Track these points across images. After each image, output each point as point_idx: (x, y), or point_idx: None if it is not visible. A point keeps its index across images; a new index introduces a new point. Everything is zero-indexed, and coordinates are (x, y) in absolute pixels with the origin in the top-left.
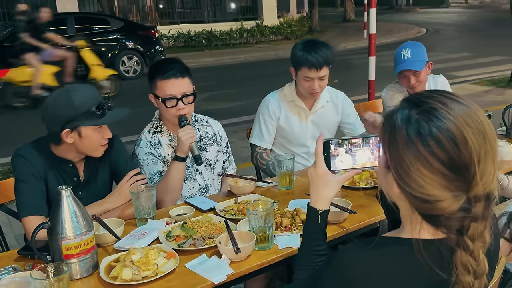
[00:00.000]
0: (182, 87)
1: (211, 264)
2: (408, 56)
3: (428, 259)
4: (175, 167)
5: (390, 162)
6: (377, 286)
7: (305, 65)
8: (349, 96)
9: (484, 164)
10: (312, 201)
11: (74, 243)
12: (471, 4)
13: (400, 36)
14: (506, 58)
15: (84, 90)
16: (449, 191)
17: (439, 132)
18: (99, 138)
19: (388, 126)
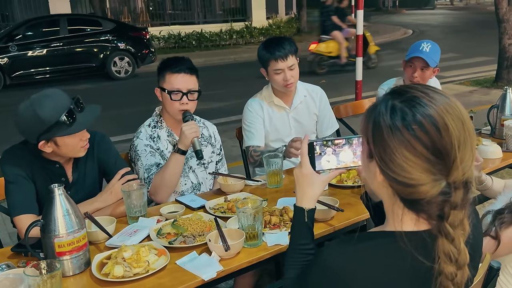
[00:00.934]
0: (189, 83)
1: (201, 261)
2: (426, 50)
3: (411, 248)
4: (175, 159)
5: (374, 150)
6: (362, 278)
7: (271, 59)
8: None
9: (463, 149)
10: (298, 201)
11: (67, 240)
12: (456, 5)
13: (387, 37)
14: (490, 58)
15: (47, 102)
16: (430, 175)
17: (422, 118)
18: (76, 142)
19: (372, 116)
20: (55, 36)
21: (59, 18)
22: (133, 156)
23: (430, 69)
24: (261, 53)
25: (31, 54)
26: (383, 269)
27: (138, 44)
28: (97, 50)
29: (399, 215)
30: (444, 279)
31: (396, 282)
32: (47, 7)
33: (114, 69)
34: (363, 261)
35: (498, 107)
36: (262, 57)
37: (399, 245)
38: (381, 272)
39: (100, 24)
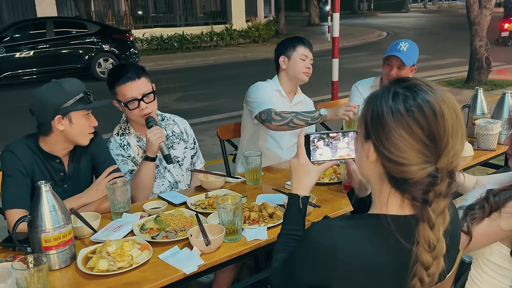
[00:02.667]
0: (140, 87)
1: (183, 255)
2: (404, 49)
3: (394, 229)
4: (146, 166)
5: (372, 129)
6: (346, 254)
7: (301, 44)
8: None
9: (455, 138)
10: (294, 189)
11: (53, 235)
12: (429, 9)
13: (362, 40)
14: (462, 60)
15: (71, 80)
16: (422, 156)
17: (422, 102)
18: (87, 125)
19: (374, 99)
20: (42, 38)
21: (45, 20)
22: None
23: (407, 67)
24: (287, 42)
25: (19, 56)
26: (366, 246)
27: (122, 46)
28: (83, 52)
29: (385, 197)
30: (419, 267)
31: (378, 259)
32: (34, 10)
33: (99, 70)
34: (348, 237)
35: (470, 106)
36: (289, 44)
37: (383, 225)
38: (364, 249)
39: (85, 27)
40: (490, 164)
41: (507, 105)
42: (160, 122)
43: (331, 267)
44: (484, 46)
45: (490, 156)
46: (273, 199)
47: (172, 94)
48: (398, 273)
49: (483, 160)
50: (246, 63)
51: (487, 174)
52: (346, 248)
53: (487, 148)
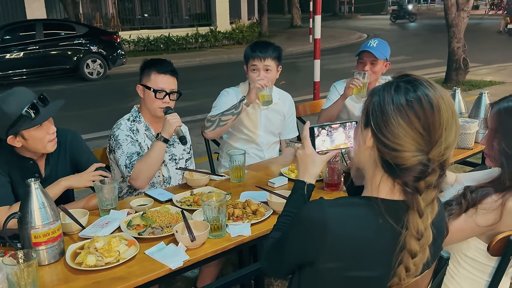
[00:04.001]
0: (173, 84)
1: (169, 251)
2: (373, 45)
3: (383, 210)
4: (158, 146)
5: (371, 118)
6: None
7: (251, 56)
8: (295, 96)
9: (449, 132)
10: (300, 176)
11: (42, 231)
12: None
13: (343, 41)
14: (440, 61)
15: (11, 98)
16: (416, 144)
17: (421, 95)
18: (43, 135)
19: (377, 92)
20: (32, 40)
21: (35, 23)
22: (113, 145)
23: (380, 62)
24: (246, 51)
25: (9, 57)
26: (356, 223)
27: (109, 47)
28: (71, 53)
29: (377, 182)
30: (406, 255)
31: (366, 237)
32: (24, 12)
33: (87, 71)
34: (338, 214)
35: None
36: (245, 54)
37: (373, 206)
38: (353, 226)
39: (74, 29)
40: (468, 162)
41: (484, 105)
42: None
43: (319, 242)
44: (461, 47)
45: (467, 154)
46: (256, 196)
47: None
48: (385, 253)
49: (460, 158)
50: (230, 64)
51: (464, 171)
52: (335, 224)
53: (464, 147)
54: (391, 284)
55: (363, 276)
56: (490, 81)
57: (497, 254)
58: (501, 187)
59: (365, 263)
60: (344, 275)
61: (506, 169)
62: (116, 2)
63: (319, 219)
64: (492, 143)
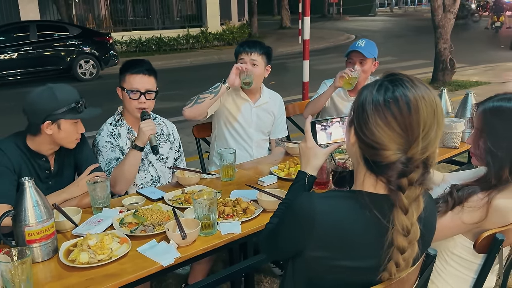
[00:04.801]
0: (147, 83)
1: (160, 248)
2: (361, 44)
3: (368, 202)
4: (133, 154)
5: (354, 116)
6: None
7: (239, 52)
8: (284, 96)
9: (428, 132)
10: (303, 167)
11: (36, 229)
12: (395, 12)
13: (331, 42)
14: (426, 61)
15: (65, 87)
16: (394, 143)
17: (399, 95)
18: (75, 132)
19: (362, 90)
20: (25, 41)
21: (29, 24)
22: (95, 151)
23: (368, 61)
24: (236, 47)
25: (3, 58)
26: (343, 214)
27: (102, 48)
28: (64, 54)
29: (361, 177)
30: (395, 251)
31: (353, 228)
32: (18, 13)
33: (80, 71)
34: (327, 205)
35: None
36: (235, 51)
37: (360, 199)
38: (341, 216)
39: (67, 30)
40: (454, 161)
41: (470, 105)
42: None
43: (307, 232)
44: (448, 48)
45: (453, 153)
46: (246, 194)
47: None
48: (373, 245)
49: (447, 157)
50: (220, 65)
51: (450, 170)
52: (324, 214)
53: (451, 146)
54: (382, 279)
55: (351, 266)
56: (476, 82)
57: (483, 251)
58: (487, 186)
59: (352, 253)
60: (331, 264)
61: (492, 168)
62: (108, 3)
63: (308, 210)
64: (478, 143)
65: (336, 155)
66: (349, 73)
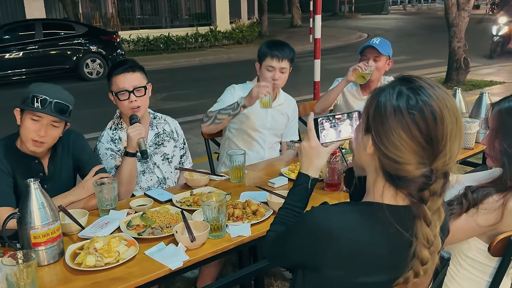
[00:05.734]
0: (133, 80)
1: (169, 251)
2: (376, 42)
3: (389, 216)
4: (126, 161)
5: (372, 125)
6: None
7: (269, 55)
8: (295, 95)
9: (453, 142)
10: (304, 169)
11: (42, 232)
12: (409, 11)
13: (343, 41)
14: (440, 61)
15: (48, 85)
16: (418, 157)
17: (424, 105)
18: (32, 130)
19: (378, 95)
20: (31, 40)
21: (34, 22)
22: (98, 161)
23: (383, 58)
24: (262, 48)
25: (8, 57)
26: (362, 230)
27: (109, 47)
28: (70, 53)
29: (380, 189)
30: (417, 262)
31: (371, 244)
32: (23, 12)
33: (86, 71)
34: (344, 221)
35: None
36: (261, 51)
37: (379, 213)
38: (359, 233)
39: (73, 28)
40: (468, 162)
41: (485, 105)
42: (152, 120)
43: (325, 249)
44: (462, 47)
45: (468, 154)
46: (256, 196)
47: (158, 94)
48: (393, 259)
49: (461, 158)
50: (230, 64)
51: (465, 171)
52: (341, 231)
53: (465, 147)
54: (396, 283)
55: (368, 282)
56: (490, 81)
57: (498, 254)
58: (502, 187)
59: (370, 270)
60: (351, 282)
61: (508, 169)
62: (115, 1)
63: (325, 227)
64: (493, 143)
65: (348, 156)
66: (363, 67)
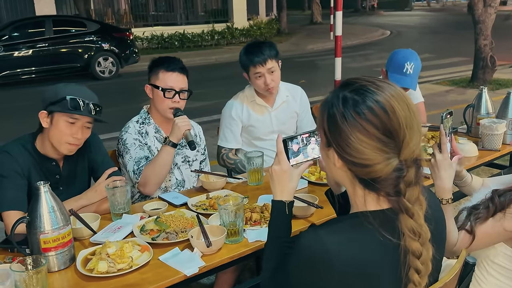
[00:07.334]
0: (182, 82)
1: (184, 257)
2: (410, 71)
3: (376, 225)
4: (166, 151)
5: (330, 138)
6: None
7: (251, 65)
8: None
9: (410, 129)
10: (278, 195)
11: (52, 236)
12: (433, 7)
13: (365, 38)
14: (466, 59)
15: (75, 85)
16: (383, 153)
17: (372, 103)
18: (67, 133)
19: (326, 108)
20: (41, 37)
21: (44, 19)
22: (121, 150)
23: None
24: (242, 59)
25: (17, 55)
26: (356, 245)
27: (121, 44)
28: (82, 51)
29: (361, 197)
30: (412, 257)
31: (370, 257)
32: (33, 8)
33: (98, 69)
34: (337, 241)
35: (474, 106)
36: (242, 62)
37: (365, 224)
38: (355, 249)
39: (85, 25)
40: (495, 165)
41: None
42: None
43: (326, 274)
44: (489, 45)
45: (494, 156)
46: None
47: None
48: (392, 267)
49: (487, 161)
50: None
51: (491, 174)
52: (338, 252)
53: (491, 148)
54: None
55: None
56: None
57: None
58: None
59: (377, 283)
60: None
61: None
62: None
63: (321, 252)
64: None
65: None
66: None
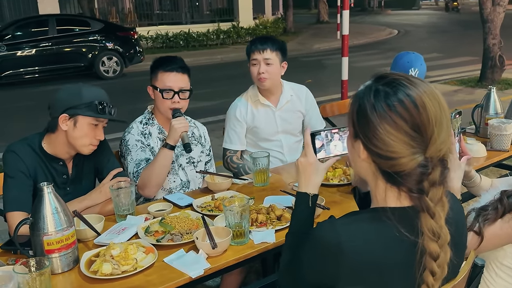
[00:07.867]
0: (181, 82)
1: (189, 258)
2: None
3: (395, 221)
4: (164, 153)
5: (358, 129)
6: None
7: (251, 51)
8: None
9: (440, 126)
10: (303, 188)
11: (56, 238)
12: (441, 6)
13: (372, 38)
14: (474, 58)
15: (94, 87)
16: (410, 147)
17: (403, 96)
18: (91, 135)
19: (357, 99)
20: (44, 36)
21: (48, 18)
22: (123, 151)
23: None
24: (247, 48)
25: (20, 54)
26: (371, 239)
27: (126, 44)
28: (86, 50)
29: (383, 192)
30: (428, 259)
31: (383, 252)
32: (36, 7)
33: (103, 69)
34: (352, 232)
35: (483, 106)
36: (247, 51)
37: (384, 218)
38: (369, 242)
39: (89, 24)
40: (504, 165)
41: None
42: None
43: (338, 264)
44: (497, 44)
45: (503, 157)
46: (281, 201)
47: None
48: (407, 264)
49: (496, 161)
50: None
51: (500, 175)
52: (351, 243)
53: (500, 149)
54: None
55: None
56: None
57: None
58: None
59: (389, 279)
60: None
61: None
62: None
63: (334, 240)
64: None
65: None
66: None
